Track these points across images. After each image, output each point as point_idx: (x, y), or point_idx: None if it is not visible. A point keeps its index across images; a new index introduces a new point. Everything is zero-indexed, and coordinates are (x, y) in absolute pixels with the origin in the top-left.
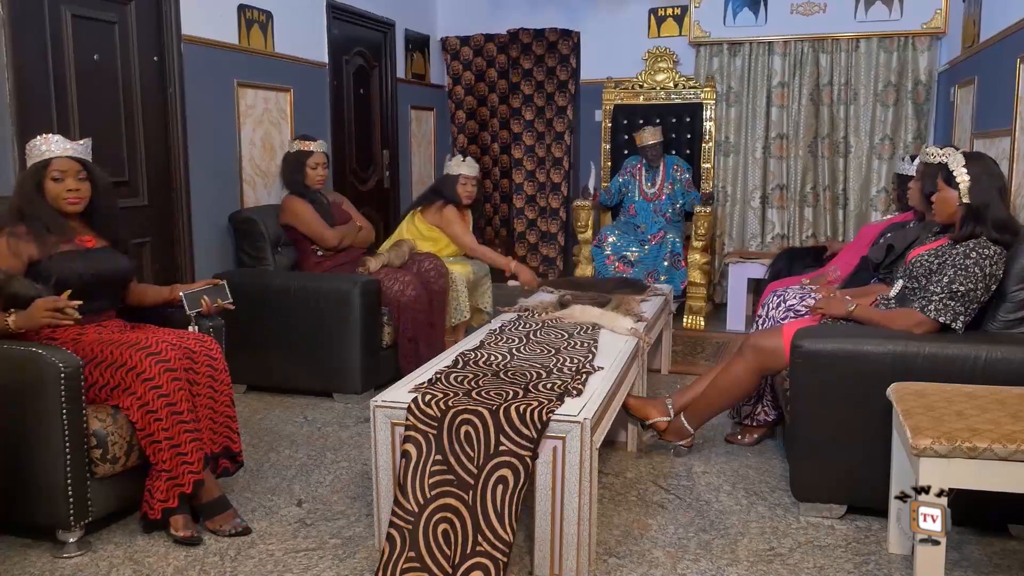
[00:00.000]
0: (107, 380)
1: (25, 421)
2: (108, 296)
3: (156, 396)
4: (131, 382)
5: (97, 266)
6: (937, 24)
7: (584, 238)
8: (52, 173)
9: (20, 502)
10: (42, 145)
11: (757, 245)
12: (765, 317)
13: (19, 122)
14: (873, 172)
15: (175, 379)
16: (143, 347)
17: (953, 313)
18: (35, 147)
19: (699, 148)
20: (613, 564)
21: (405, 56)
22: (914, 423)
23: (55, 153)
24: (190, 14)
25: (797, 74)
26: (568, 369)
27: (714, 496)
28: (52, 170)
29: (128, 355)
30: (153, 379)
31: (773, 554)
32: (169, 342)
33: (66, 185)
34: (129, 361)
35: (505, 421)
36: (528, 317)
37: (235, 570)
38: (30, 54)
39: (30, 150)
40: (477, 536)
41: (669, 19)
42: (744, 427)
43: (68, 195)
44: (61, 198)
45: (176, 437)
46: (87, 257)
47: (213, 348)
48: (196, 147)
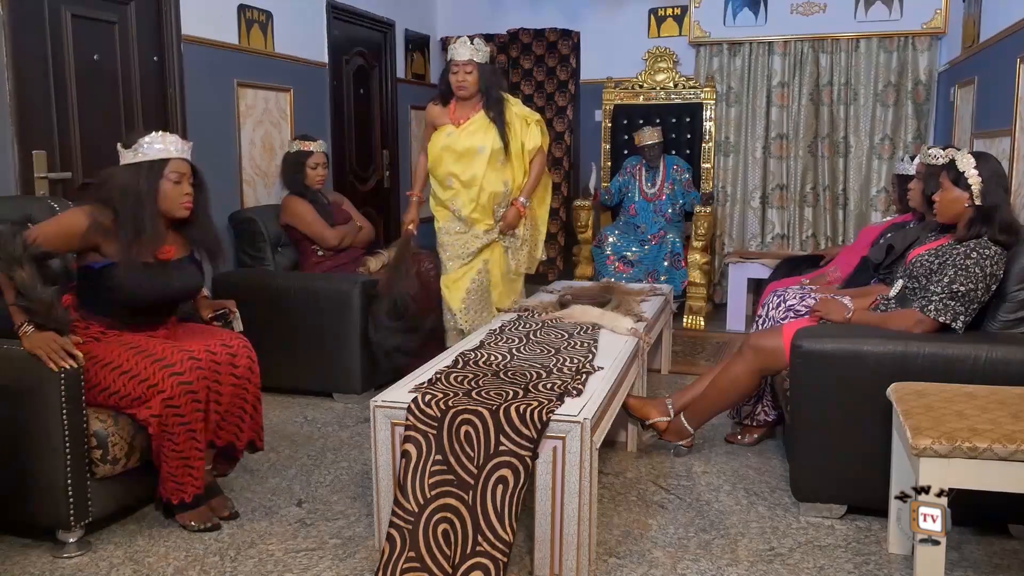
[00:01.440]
0: (129, 391)
1: (25, 421)
2: (171, 310)
3: (172, 414)
4: (150, 396)
5: (170, 284)
6: (937, 24)
7: (584, 238)
8: (170, 175)
9: (20, 502)
10: (157, 143)
11: (757, 245)
12: (765, 317)
13: (19, 122)
14: (873, 172)
15: (195, 400)
16: (166, 364)
17: (953, 313)
18: (149, 144)
19: (699, 148)
20: (613, 564)
21: (405, 56)
22: (914, 423)
23: (173, 154)
24: (190, 14)
25: (797, 74)
26: (568, 369)
27: (714, 496)
28: (170, 171)
29: (148, 369)
30: (172, 399)
31: (773, 554)
32: (193, 355)
33: (183, 188)
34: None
35: (505, 421)
36: (528, 317)
37: (235, 570)
38: (30, 54)
39: (139, 146)
40: (477, 536)
41: (669, 19)
42: (744, 427)
43: (184, 199)
44: (177, 202)
45: (187, 452)
46: (164, 272)
47: (240, 355)
48: (196, 147)
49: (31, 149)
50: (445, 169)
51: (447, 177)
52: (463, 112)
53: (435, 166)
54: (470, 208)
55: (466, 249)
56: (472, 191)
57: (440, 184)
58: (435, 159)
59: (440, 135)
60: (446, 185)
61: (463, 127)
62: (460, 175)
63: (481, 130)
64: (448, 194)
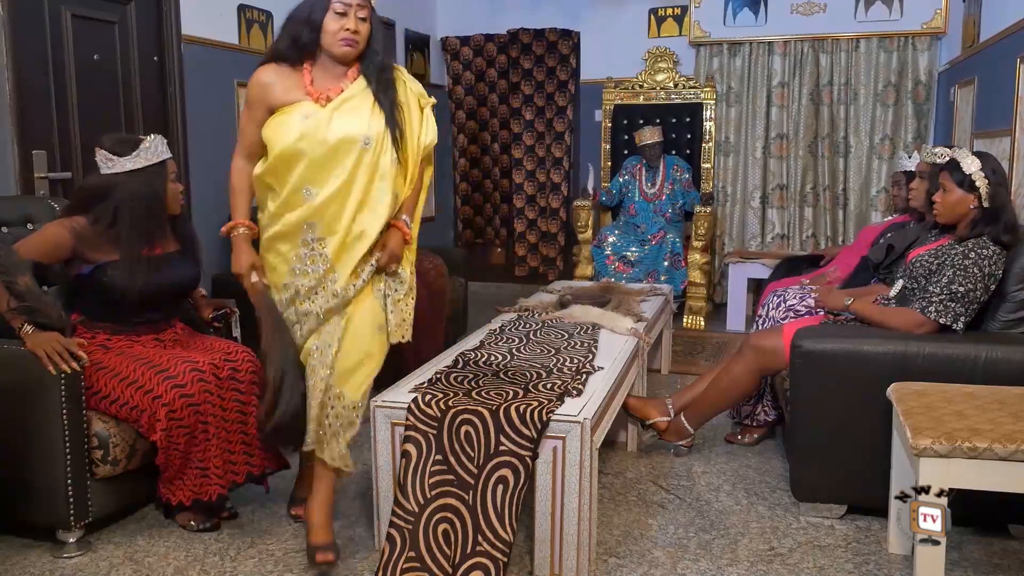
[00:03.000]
0: (127, 399)
1: (25, 422)
2: (171, 305)
3: (176, 426)
4: (156, 409)
5: (162, 278)
6: (937, 24)
7: (584, 238)
8: (170, 174)
9: (20, 502)
10: (159, 145)
11: (757, 245)
12: (765, 317)
13: (19, 122)
14: (873, 172)
15: (197, 412)
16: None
17: (954, 314)
18: (153, 147)
19: (699, 148)
20: (613, 564)
21: (405, 56)
22: (914, 423)
23: (166, 154)
24: (190, 14)
25: (797, 74)
26: (568, 369)
27: (714, 496)
28: (169, 171)
29: (149, 379)
30: (176, 411)
31: (773, 554)
32: (197, 365)
33: (179, 187)
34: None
35: (505, 421)
36: (528, 317)
37: (235, 570)
38: (30, 54)
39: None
40: (477, 536)
41: (669, 19)
42: (744, 427)
43: (180, 196)
44: (176, 200)
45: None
46: (155, 267)
47: (241, 367)
48: (196, 147)
49: (31, 149)
50: (299, 174)
51: (302, 188)
52: (328, 81)
53: (280, 168)
54: (337, 243)
55: (312, 306)
56: (345, 213)
57: (283, 198)
58: (283, 157)
59: (288, 118)
60: (295, 200)
61: (333, 104)
62: (326, 184)
63: (361, 110)
64: (296, 215)
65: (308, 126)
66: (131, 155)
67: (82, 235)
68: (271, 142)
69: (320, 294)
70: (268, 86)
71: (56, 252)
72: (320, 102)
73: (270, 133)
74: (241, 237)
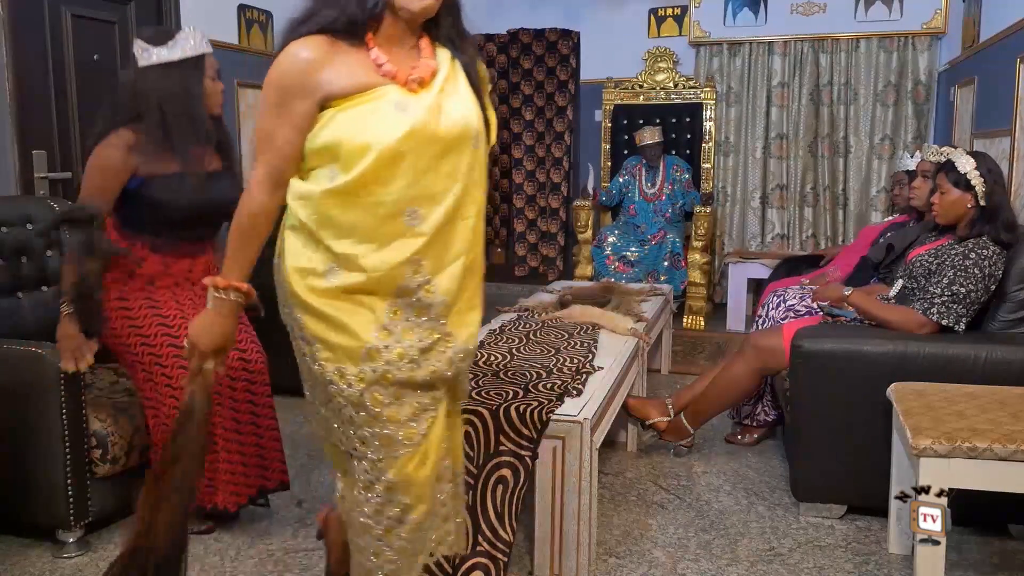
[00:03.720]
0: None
1: (25, 421)
2: (212, 227)
3: None
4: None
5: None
6: (937, 24)
7: (584, 238)
8: (209, 71)
9: (20, 502)
10: (191, 38)
11: (757, 245)
12: (765, 317)
13: (19, 122)
14: (873, 172)
15: None
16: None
17: (956, 316)
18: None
19: (699, 148)
20: (613, 564)
21: None
22: (914, 423)
23: (205, 49)
24: (190, 14)
25: (797, 74)
26: (568, 369)
27: (714, 496)
28: (208, 67)
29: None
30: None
31: (773, 554)
32: None
33: (219, 86)
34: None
35: (505, 421)
36: (528, 317)
37: (235, 570)
38: (30, 54)
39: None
40: (477, 536)
41: (669, 19)
42: (744, 427)
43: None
44: (216, 99)
45: None
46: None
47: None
48: None
49: (31, 149)
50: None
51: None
52: (402, 57)
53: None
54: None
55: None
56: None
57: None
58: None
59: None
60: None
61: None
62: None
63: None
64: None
65: (412, 120)
66: (167, 44)
67: (137, 148)
68: (346, 147)
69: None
70: (316, 64)
71: (121, 177)
72: (410, 87)
73: (344, 133)
74: (233, 305)
